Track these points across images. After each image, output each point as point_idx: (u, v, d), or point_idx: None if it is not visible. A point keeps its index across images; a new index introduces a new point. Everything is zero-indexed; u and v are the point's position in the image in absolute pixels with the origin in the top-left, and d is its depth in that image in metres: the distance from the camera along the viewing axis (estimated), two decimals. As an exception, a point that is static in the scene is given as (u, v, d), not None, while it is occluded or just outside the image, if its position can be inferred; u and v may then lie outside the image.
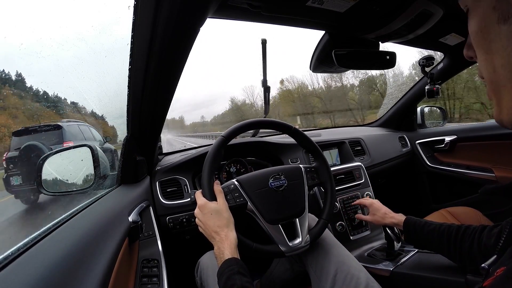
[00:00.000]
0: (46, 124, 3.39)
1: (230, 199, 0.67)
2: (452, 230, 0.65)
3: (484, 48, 0.28)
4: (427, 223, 0.71)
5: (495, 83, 0.28)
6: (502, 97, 0.28)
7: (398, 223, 0.78)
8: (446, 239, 0.65)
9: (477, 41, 0.28)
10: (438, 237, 0.67)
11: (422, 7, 0.65)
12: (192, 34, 0.54)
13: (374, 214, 0.86)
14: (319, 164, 0.79)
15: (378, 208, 0.86)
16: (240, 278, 0.50)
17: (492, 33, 0.26)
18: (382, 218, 0.83)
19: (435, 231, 0.68)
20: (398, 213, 0.81)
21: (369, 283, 0.64)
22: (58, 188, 0.79)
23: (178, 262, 0.96)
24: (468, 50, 0.32)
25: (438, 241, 0.67)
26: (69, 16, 10.96)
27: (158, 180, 0.98)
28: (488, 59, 0.28)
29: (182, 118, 50.50)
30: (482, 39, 0.28)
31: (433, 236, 0.68)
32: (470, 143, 1.38)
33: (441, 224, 0.69)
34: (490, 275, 0.32)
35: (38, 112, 6.70)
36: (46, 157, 0.74)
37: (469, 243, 0.60)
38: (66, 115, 7.16)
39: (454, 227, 0.66)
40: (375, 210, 0.86)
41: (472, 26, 0.29)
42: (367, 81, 12.73)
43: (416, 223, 0.73)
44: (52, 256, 0.40)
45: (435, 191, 1.57)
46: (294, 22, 0.71)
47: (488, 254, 0.54)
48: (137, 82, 0.65)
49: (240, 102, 29.78)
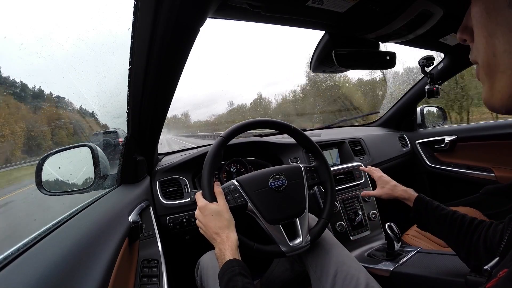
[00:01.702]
0: (109, 131, 5.51)
1: (231, 199, 0.67)
2: (466, 220, 0.62)
3: (488, 31, 0.27)
4: (440, 206, 0.68)
5: (492, 67, 0.27)
6: (496, 82, 0.27)
7: (409, 198, 0.74)
8: (458, 229, 0.62)
9: (482, 22, 0.28)
10: (450, 224, 0.64)
11: (422, 7, 0.65)
12: (192, 34, 0.54)
13: (383, 187, 0.83)
14: (319, 164, 0.79)
15: (387, 181, 0.83)
16: (242, 279, 0.50)
17: (500, 16, 0.26)
18: (392, 190, 0.80)
19: (448, 217, 0.65)
20: (409, 188, 0.78)
21: (369, 283, 0.64)
22: (58, 188, 0.79)
23: (178, 262, 0.96)
24: (463, 32, 0.31)
25: (448, 228, 0.64)
26: (69, 16, 10.93)
27: (158, 180, 0.98)
28: (490, 42, 0.27)
29: (187, 114, 48.31)
30: (488, 21, 0.27)
31: (444, 222, 0.65)
32: (470, 143, 1.38)
33: (454, 212, 0.66)
34: (493, 277, 0.32)
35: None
36: (46, 157, 0.74)
37: (477, 237, 0.59)
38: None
39: (468, 218, 0.63)
40: (384, 182, 0.83)
41: (477, 7, 0.28)
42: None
43: (428, 203, 0.70)
44: (52, 256, 0.40)
45: (435, 191, 1.57)
46: (294, 22, 0.70)
47: (492, 250, 0.54)
48: (137, 82, 0.65)
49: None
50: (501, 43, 0.26)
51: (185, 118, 45.97)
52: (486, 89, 0.29)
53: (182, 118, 47.31)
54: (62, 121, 9.07)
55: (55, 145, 9.17)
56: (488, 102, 0.29)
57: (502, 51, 0.26)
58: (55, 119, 9.15)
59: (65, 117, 10.03)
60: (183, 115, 46.96)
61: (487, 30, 0.27)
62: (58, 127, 9.23)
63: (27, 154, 9.02)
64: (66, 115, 9.80)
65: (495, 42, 0.26)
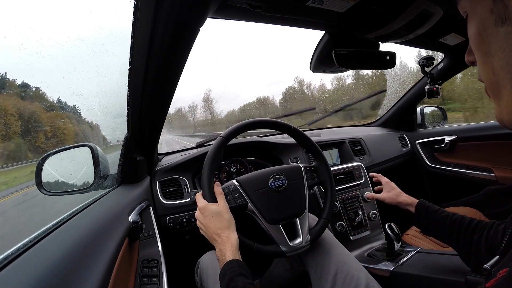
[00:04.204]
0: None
1: (231, 199, 0.67)
2: (465, 221, 0.64)
3: (483, 51, 0.28)
4: (440, 209, 0.71)
5: (494, 84, 0.28)
6: (502, 98, 0.28)
7: (411, 204, 0.78)
8: (457, 229, 0.64)
9: (476, 44, 0.29)
10: (449, 226, 0.66)
11: (422, 7, 0.65)
12: (192, 34, 0.54)
13: (389, 191, 0.87)
14: (318, 164, 0.79)
15: (393, 187, 0.87)
16: (242, 280, 0.50)
17: (490, 35, 0.27)
18: (396, 196, 0.83)
19: (447, 219, 0.67)
20: (410, 189, 0.82)
21: (369, 283, 0.64)
22: (58, 188, 0.79)
23: (178, 262, 0.96)
24: (469, 55, 0.32)
25: (449, 229, 0.66)
26: (69, 16, 10.92)
27: (158, 180, 0.98)
28: (487, 61, 0.28)
29: (194, 106, 44.78)
30: (481, 42, 0.28)
31: (444, 224, 0.67)
32: (470, 143, 1.38)
33: (453, 214, 0.68)
34: (493, 276, 0.32)
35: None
36: (46, 157, 0.74)
37: (477, 237, 0.59)
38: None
39: (467, 218, 0.65)
40: (390, 188, 0.87)
41: (471, 30, 0.29)
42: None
43: (429, 207, 0.73)
44: (52, 256, 0.40)
45: (435, 191, 1.57)
46: (294, 22, 0.70)
47: (493, 250, 0.54)
48: (137, 82, 0.65)
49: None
50: (496, 60, 0.27)
51: (192, 113, 43.05)
52: (496, 106, 0.29)
53: (192, 108, 44.36)
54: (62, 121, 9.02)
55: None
56: (498, 118, 0.30)
57: (499, 67, 0.27)
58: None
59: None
60: (191, 107, 44.11)
61: (482, 50, 0.29)
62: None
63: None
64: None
65: (491, 60, 0.28)
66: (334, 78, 13.65)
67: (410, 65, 2.51)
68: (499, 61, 0.27)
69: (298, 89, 21.00)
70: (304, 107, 1.65)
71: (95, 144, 0.82)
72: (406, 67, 2.48)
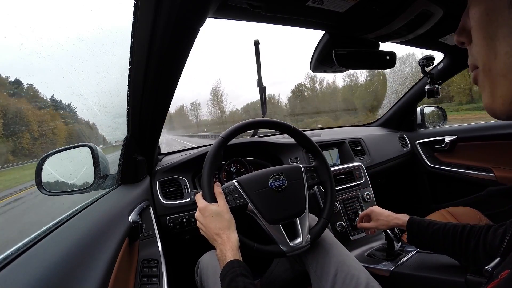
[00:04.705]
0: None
1: (231, 200, 0.67)
2: (457, 229, 0.64)
3: (488, 33, 0.26)
4: (431, 222, 0.70)
5: (493, 70, 0.26)
6: (498, 86, 0.26)
7: (402, 224, 0.76)
8: (451, 239, 0.64)
9: (481, 24, 0.26)
10: (443, 237, 0.65)
11: (422, 7, 0.65)
12: (192, 34, 0.54)
13: (378, 219, 0.82)
14: (318, 164, 0.79)
15: (380, 213, 0.83)
16: (243, 280, 0.50)
17: (500, 17, 0.24)
18: (387, 221, 0.80)
19: (440, 231, 0.66)
20: (401, 214, 0.79)
21: (369, 283, 0.64)
22: (58, 188, 0.79)
23: (178, 262, 0.96)
24: (461, 35, 0.30)
25: (443, 241, 0.65)
26: (69, 16, 10.95)
27: (158, 180, 0.98)
28: (491, 45, 0.26)
29: (197, 104, 43.22)
30: (489, 24, 0.26)
31: (438, 236, 0.66)
32: (470, 143, 1.38)
33: (445, 224, 0.67)
34: (494, 278, 0.32)
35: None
36: (46, 157, 0.74)
37: (474, 243, 0.59)
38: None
39: (459, 226, 0.64)
40: (378, 215, 0.83)
41: (476, 9, 0.27)
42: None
43: (420, 223, 0.72)
44: (52, 256, 0.40)
45: (435, 191, 1.57)
46: (294, 22, 0.71)
47: (493, 254, 0.54)
48: (137, 82, 0.65)
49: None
50: (503, 45, 0.25)
51: (194, 112, 42.11)
52: (487, 94, 0.28)
53: (195, 105, 43.35)
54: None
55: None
56: (489, 107, 0.28)
57: (504, 53, 0.25)
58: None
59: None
60: (193, 105, 43.11)
61: (488, 32, 0.26)
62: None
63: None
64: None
65: (496, 45, 0.25)
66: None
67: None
68: (505, 47, 0.24)
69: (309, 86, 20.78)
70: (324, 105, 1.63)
71: (94, 144, 0.82)
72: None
